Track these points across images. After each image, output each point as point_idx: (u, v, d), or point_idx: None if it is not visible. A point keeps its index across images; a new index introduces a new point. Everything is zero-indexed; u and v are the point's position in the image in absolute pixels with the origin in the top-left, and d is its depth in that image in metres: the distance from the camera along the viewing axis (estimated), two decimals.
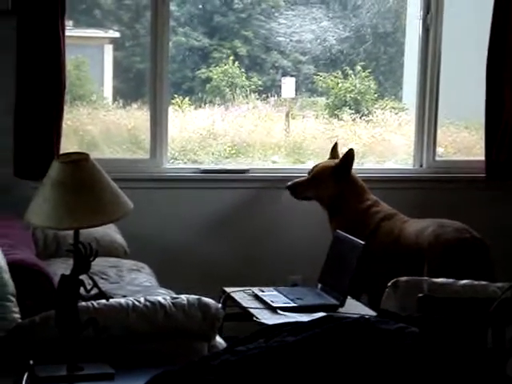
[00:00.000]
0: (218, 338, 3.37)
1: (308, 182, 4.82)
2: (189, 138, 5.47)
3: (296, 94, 5.60)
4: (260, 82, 5.62)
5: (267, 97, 5.61)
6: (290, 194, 4.84)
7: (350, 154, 4.75)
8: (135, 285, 4.16)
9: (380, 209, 4.75)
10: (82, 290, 3.01)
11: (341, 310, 4.03)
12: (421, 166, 5.52)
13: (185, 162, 5.38)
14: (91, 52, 5.57)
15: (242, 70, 5.61)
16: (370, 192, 4.83)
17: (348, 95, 5.67)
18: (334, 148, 4.93)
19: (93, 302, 3.18)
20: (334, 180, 4.76)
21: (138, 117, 5.34)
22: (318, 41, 5.50)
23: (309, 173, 4.87)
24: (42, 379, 2.91)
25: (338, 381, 2.33)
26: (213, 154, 5.45)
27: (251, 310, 3.99)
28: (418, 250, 4.41)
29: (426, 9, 5.39)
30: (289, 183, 4.84)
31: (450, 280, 3.63)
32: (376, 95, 5.73)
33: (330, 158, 4.91)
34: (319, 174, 4.80)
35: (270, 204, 5.27)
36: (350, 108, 5.67)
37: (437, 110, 5.47)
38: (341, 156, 4.83)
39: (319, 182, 4.79)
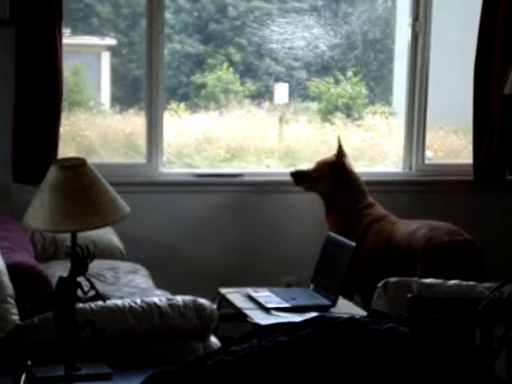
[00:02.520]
0: (213, 339, 3.40)
1: (311, 173, 4.91)
2: (184, 143, 5.49)
3: (289, 100, 5.63)
4: (254, 88, 5.63)
5: (261, 102, 5.64)
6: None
7: (340, 148, 4.85)
8: (132, 286, 4.18)
9: (371, 211, 4.79)
10: (79, 291, 3.04)
11: (333, 310, 4.06)
12: (410, 169, 5.56)
13: (180, 167, 5.40)
14: (88, 59, 5.58)
15: (236, 75, 5.64)
16: (367, 195, 4.88)
17: (340, 100, 5.70)
18: (339, 144, 4.95)
19: (90, 303, 3.21)
20: (332, 176, 4.85)
21: (134, 122, 5.35)
22: (310, 47, 5.52)
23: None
24: (40, 379, 2.93)
25: (328, 380, 2.37)
26: (208, 158, 5.48)
27: (245, 311, 4.02)
28: (410, 251, 4.42)
29: (415, 16, 5.43)
30: (292, 170, 4.96)
31: (439, 280, 3.63)
32: (367, 100, 5.76)
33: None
34: (319, 168, 4.87)
35: (263, 207, 5.31)
36: (341, 113, 5.70)
37: (426, 114, 5.51)
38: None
39: (319, 176, 4.87)
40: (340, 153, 4.86)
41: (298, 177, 4.94)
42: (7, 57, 4.80)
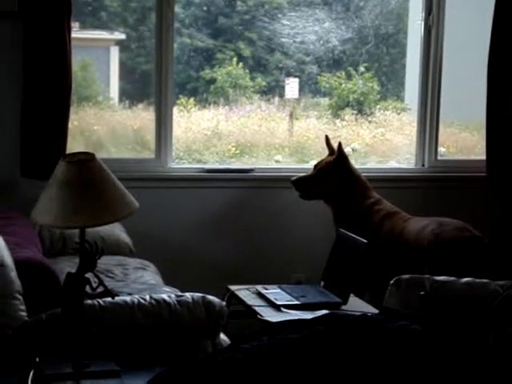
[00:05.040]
0: (223, 336, 3.39)
1: (313, 177, 4.84)
2: (194, 138, 5.48)
3: (299, 95, 5.62)
4: (264, 83, 5.62)
5: (271, 97, 5.63)
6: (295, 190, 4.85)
7: (340, 146, 4.80)
8: (140, 283, 4.17)
9: (382, 207, 4.77)
10: (87, 288, 3.03)
11: (344, 307, 4.05)
12: (423, 165, 5.54)
13: (189, 162, 5.39)
14: (97, 53, 5.58)
15: (246, 70, 5.63)
16: (373, 190, 4.85)
17: (351, 96, 5.69)
18: (327, 142, 4.94)
19: (99, 299, 3.20)
20: (336, 173, 4.79)
21: (143, 117, 5.35)
22: (321, 42, 5.50)
23: (314, 168, 4.90)
24: (48, 376, 2.93)
25: (340, 378, 2.35)
26: (217, 153, 5.47)
27: (255, 308, 4.01)
28: (418, 248, 4.41)
29: (428, 10, 5.40)
30: (293, 178, 4.85)
31: (452, 278, 3.62)
32: (378, 96, 5.74)
33: (329, 154, 4.93)
34: (323, 169, 4.82)
35: (273, 203, 5.29)
36: (352, 108, 5.69)
37: (438, 110, 5.48)
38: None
39: (324, 177, 4.81)
40: (339, 149, 4.81)
41: (301, 183, 4.84)
42: (15, 51, 4.79)
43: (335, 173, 4.80)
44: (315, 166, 4.89)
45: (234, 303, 4.20)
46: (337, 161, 4.80)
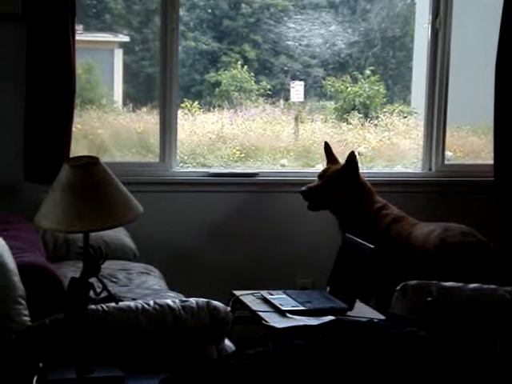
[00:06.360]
0: (227, 341, 3.38)
1: (322, 186, 4.78)
2: (198, 142, 5.47)
3: (305, 98, 5.60)
4: (269, 86, 5.62)
5: (276, 101, 5.62)
6: (303, 199, 4.80)
7: (351, 156, 4.74)
8: (144, 288, 4.16)
9: (390, 211, 4.74)
10: (91, 292, 3.01)
11: (349, 313, 4.02)
12: (430, 169, 5.51)
13: (194, 166, 5.38)
14: (101, 56, 5.57)
15: (251, 73, 5.63)
16: (377, 195, 4.83)
17: (357, 99, 5.68)
18: (327, 150, 4.88)
19: (102, 304, 3.19)
20: (345, 182, 4.74)
21: (147, 120, 5.34)
22: (327, 45, 5.50)
23: (319, 177, 4.84)
24: (52, 382, 2.92)
25: None
26: (222, 157, 5.46)
27: (260, 314, 3.99)
28: (424, 253, 4.39)
29: (435, 13, 5.38)
30: (303, 188, 4.77)
31: (459, 284, 3.62)
32: (385, 99, 5.73)
33: (327, 162, 4.87)
34: (332, 178, 4.77)
35: (279, 207, 5.27)
36: (358, 112, 5.67)
37: (445, 113, 5.45)
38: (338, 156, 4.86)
39: (333, 185, 4.75)
40: (351, 158, 4.75)
41: (310, 193, 4.75)
42: (19, 53, 4.78)
43: (344, 180, 4.74)
44: (321, 176, 4.80)
45: (238, 308, 4.17)
46: (347, 169, 4.74)
